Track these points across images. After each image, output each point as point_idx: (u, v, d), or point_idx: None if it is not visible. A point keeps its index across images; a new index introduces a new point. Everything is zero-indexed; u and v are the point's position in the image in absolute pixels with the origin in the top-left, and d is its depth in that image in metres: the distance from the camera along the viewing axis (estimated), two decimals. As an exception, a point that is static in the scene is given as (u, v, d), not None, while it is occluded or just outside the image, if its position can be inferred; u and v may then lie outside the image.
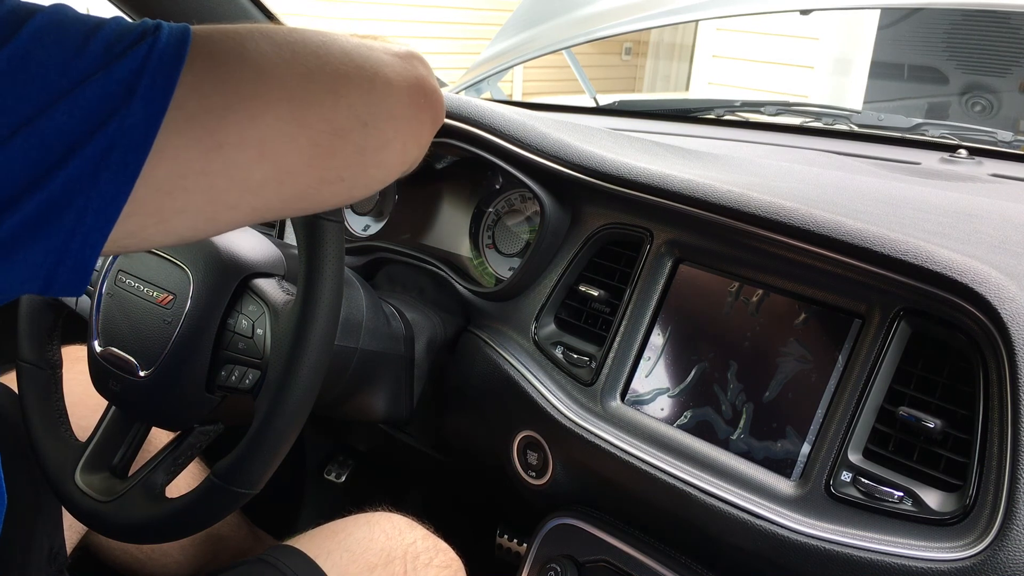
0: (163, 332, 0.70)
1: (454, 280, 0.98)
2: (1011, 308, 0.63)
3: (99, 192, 0.33)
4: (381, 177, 0.48)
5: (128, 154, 0.33)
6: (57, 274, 0.34)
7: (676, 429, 0.79)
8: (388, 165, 0.47)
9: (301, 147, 0.40)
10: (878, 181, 1.04)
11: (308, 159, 0.41)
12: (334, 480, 1.36)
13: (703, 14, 2.60)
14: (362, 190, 0.47)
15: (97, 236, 0.34)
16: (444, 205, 1.06)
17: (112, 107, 0.33)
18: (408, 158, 0.49)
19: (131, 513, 0.71)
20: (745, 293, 0.79)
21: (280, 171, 0.40)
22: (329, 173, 0.43)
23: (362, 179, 0.46)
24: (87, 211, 0.33)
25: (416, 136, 0.48)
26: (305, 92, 0.40)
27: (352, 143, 0.43)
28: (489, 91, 1.85)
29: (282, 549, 0.80)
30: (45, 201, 0.32)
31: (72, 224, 0.33)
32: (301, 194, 0.43)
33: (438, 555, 0.89)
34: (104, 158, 0.33)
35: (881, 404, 0.69)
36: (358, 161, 0.44)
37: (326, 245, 0.63)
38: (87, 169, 0.32)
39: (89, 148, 0.32)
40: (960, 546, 0.61)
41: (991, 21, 3.45)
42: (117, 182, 0.33)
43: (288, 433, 0.66)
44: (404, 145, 0.47)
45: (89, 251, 0.34)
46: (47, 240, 0.33)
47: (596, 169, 0.86)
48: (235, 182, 0.38)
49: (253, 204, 0.40)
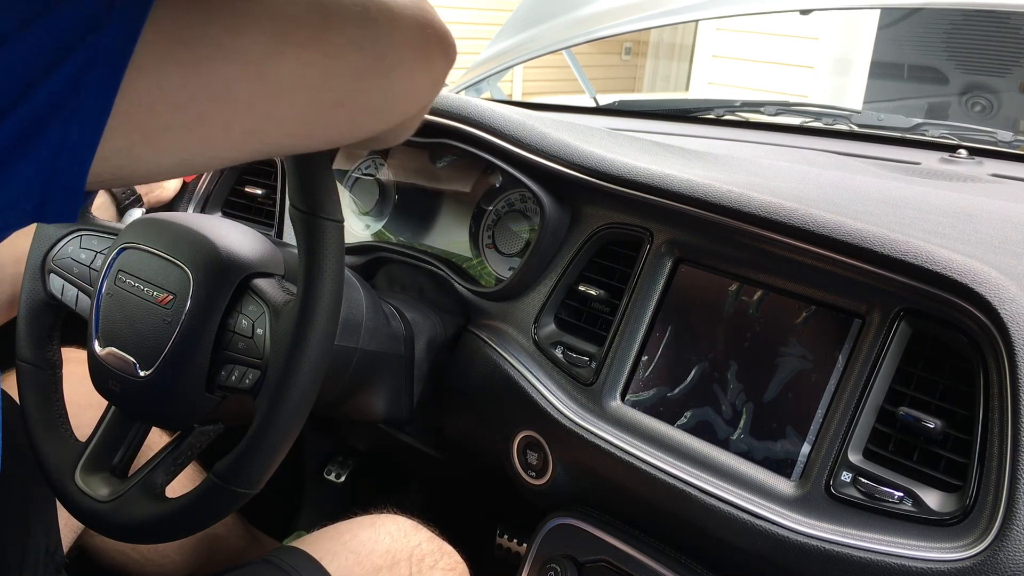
0: (163, 332, 0.70)
1: (454, 280, 0.98)
2: (1011, 308, 0.63)
3: (81, 105, 0.34)
4: (389, 107, 0.46)
5: (107, 68, 0.34)
6: (50, 192, 0.35)
7: (676, 429, 0.79)
8: (394, 93, 0.46)
9: (288, 64, 0.39)
10: (878, 181, 1.04)
11: (298, 77, 0.40)
12: (334, 480, 1.36)
13: (703, 14, 2.60)
14: (370, 120, 0.46)
15: (85, 151, 0.35)
16: (444, 205, 1.06)
17: (89, 25, 0.34)
18: (417, 88, 0.47)
19: (131, 513, 0.71)
20: (745, 293, 0.79)
21: (268, 88, 0.39)
22: (325, 95, 0.42)
23: (366, 105, 0.44)
24: (72, 123, 0.34)
25: (424, 66, 0.46)
26: (290, 9, 0.39)
27: (347, 66, 0.42)
28: (489, 91, 1.85)
29: (287, 550, 0.80)
30: (29, 114, 0.33)
31: (59, 137, 0.34)
32: (298, 118, 0.42)
33: (443, 557, 0.89)
34: (84, 73, 0.34)
35: (881, 404, 0.69)
36: (357, 86, 0.43)
37: (326, 245, 0.63)
38: (68, 83, 0.33)
39: (68, 64, 0.33)
40: (960, 546, 0.61)
41: (991, 21, 3.44)
42: (98, 95, 0.34)
43: (288, 433, 0.65)
44: (410, 73, 0.46)
45: (79, 167, 0.35)
46: (36, 153, 0.34)
47: (596, 169, 0.86)
48: (220, 98, 0.38)
49: (247, 125, 0.40)
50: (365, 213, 1.11)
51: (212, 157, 0.41)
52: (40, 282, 0.82)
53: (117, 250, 0.75)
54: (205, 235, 0.72)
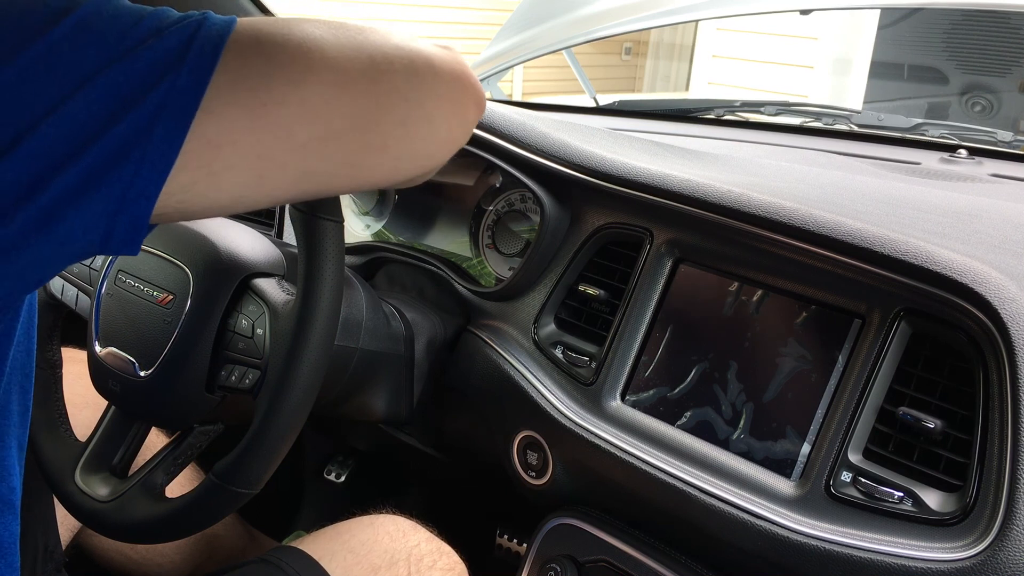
0: (163, 332, 0.70)
1: (454, 280, 0.98)
2: (1011, 308, 0.63)
3: (153, 145, 0.37)
4: (427, 151, 0.50)
5: (178, 111, 0.37)
6: (116, 225, 0.37)
7: (676, 429, 0.79)
8: (433, 140, 0.50)
9: (343, 111, 0.43)
10: (878, 181, 1.04)
11: (351, 124, 0.44)
12: (334, 480, 1.36)
13: (703, 14, 2.60)
14: (409, 163, 0.50)
15: (152, 187, 0.37)
16: (444, 205, 1.06)
17: (163, 70, 0.37)
18: (453, 135, 0.52)
19: (131, 513, 0.71)
20: (745, 293, 0.79)
21: (324, 132, 0.43)
22: (374, 139, 0.46)
23: (407, 150, 0.48)
24: (143, 162, 0.37)
25: (460, 116, 0.51)
26: (347, 61, 0.43)
27: (394, 114, 0.46)
28: (489, 91, 1.85)
29: (285, 550, 0.80)
30: (104, 153, 0.36)
31: (130, 175, 0.37)
32: (347, 160, 0.46)
33: (442, 558, 0.89)
34: (157, 115, 0.37)
35: (881, 404, 0.69)
36: (402, 133, 0.47)
37: (326, 245, 0.63)
38: (142, 124, 0.36)
39: (143, 106, 0.36)
40: (960, 546, 0.61)
41: (991, 21, 3.44)
42: (169, 136, 0.37)
43: (288, 433, 0.65)
44: (447, 123, 0.50)
45: (145, 202, 0.38)
46: (108, 188, 0.36)
47: (596, 169, 0.86)
48: (280, 140, 0.41)
49: (301, 166, 0.43)
50: (365, 213, 1.11)
51: (266, 196, 0.45)
52: None
53: (117, 250, 0.75)
54: (205, 235, 0.72)
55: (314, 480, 1.39)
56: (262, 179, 0.42)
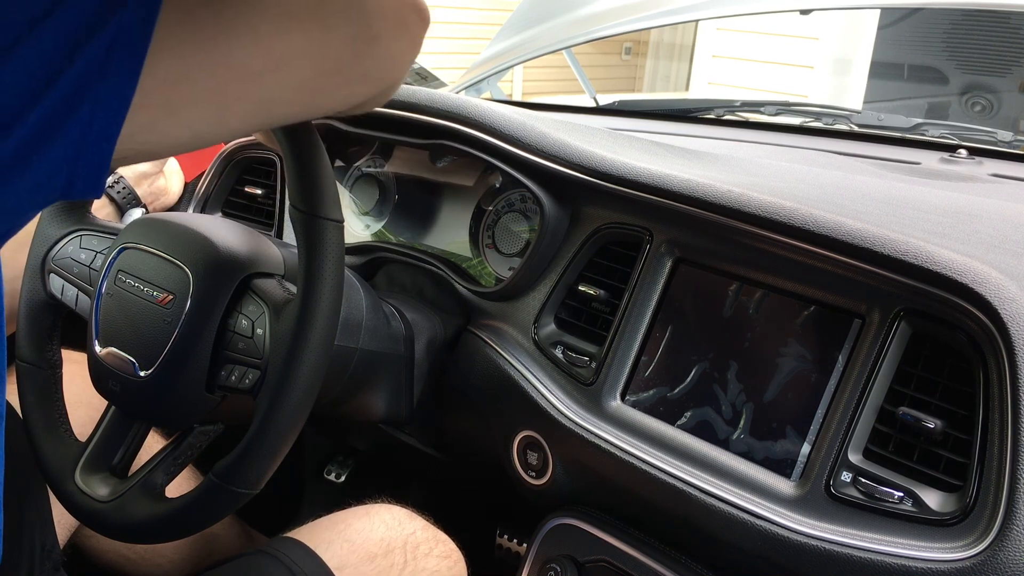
0: (163, 332, 0.70)
1: (454, 280, 0.98)
2: (1011, 308, 0.63)
3: (107, 85, 0.36)
4: (378, 70, 0.51)
5: (129, 49, 0.37)
6: (78, 170, 0.37)
7: (676, 429, 0.79)
8: (382, 57, 0.51)
9: (292, 36, 0.44)
10: (878, 181, 1.04)
11: (301, 49, 0.45)
12: (334, 480, 1.36)
13: (703, 14, 2.60)
14: (363, 85, 0.51)
15: (112, 128, 0.37)
16: (444, 205, 1.06)
17: (109, 9, 0.36)
18: (401, 50, 0.53)
19: (131, 513, 0.71)
20: (745, 293, 0.79)
21: (276, 59, 0.44)
22: (326, 64, 0.47)
23: (359, 71, 0.50)
24: (99, 103, 0.36)
25: (404, 31, 0.52)
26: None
27: (341, 35, 0.47)
28: (489, 91, 1.85)
29: (282, 540, 0.81)
30: (59, 97, 0.35)
31: (87, 117, 0.36)
32: (303, 86, 0.46)
33: (438, 545, 0.90)
34: (108, 55, 0.36)
35: (881, 404, 0.69)
36: (350, 53, 0.48)
37: (326, 245, 0.63)
38: (94, 65, 0.36)
39: (93, 46, 0.36)
40: (960, 546, 0.61)
41: (991, 21, 3.45)
42: (123, 75, 0.37)
43: (288, 433, 0.65)
44: (394, 39, 0.51)
45: (105, 144, 0.37)
46: (67, 133, 0.36)
47: (596, 169, 0.86)
48: (235, 70, 0.42)
49: (258, 95, 0.44)
50: (365, 213, 1.11)
51: (227, 129, 0.45)
52: (40, 282, 0.82)
53: (117, 250, 0.75)
54: (205, 235, 0.72)
55: (314, 480, 1.39)
56: (221, 113, 0.43)
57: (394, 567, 0.84)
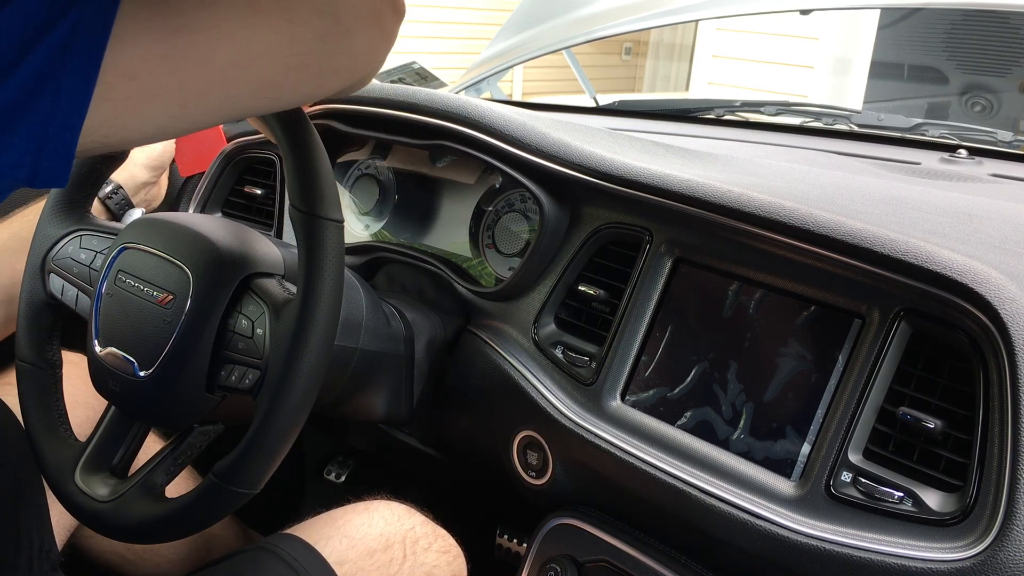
0: (163, 332, 0.70)
1: (454, 280, 0.98)
2: (1011, 308, 0.63)
3: (68, 75, 0.36)
4: (349, 66, 0.50)
5: (90, 38, 0.36)
6: (41, 159, 0.37)
7: (676, 429, 0.79)
8: (353, 52, 0.49)
9: (258, 32, 0.43)
10: (878, 181, 1.04)
11: (268, 44, 0.43)
12: (334, 480, 1.36)
13: (703, 14, 2.60)
14: (332, 79, 0.50)
15: (74, 119, 0.37)
16: (444, 205, 1.06)
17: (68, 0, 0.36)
18: (373, 45, 0.51)
19: (131, 513, 0.71)
20: (745, 293, 0.79)
21: (241, 54, 0.43)
22: (293, 59, 0.45)
23: (328, 66, 0.48)
24: (60, 93, 0.36)
25: (378, 26, 0.51)
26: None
27: (310, 30, 0.45)
28: (489, 91, 1.86)
29: (281, 537, 0.81)
30: (19, 86, 0.35)
31: (49, 107, 0.36)
32: (269, 81, 0.45)
33: (437, 540, 0.90)
34: (68, 44, 0.36)
35: (881, 404, 0.69)
36: (320, 48, 0.47)
37: (326, 245, 0.63)
38: (54, 55, 0.35)
39: (53, 36, 0.35)
40: (960, 546, 0.61)
41: (991, 21, 3.45)
42: (84, 66, 0.36)
43: (288, 433, 0.65)
44: (366, 35, 0.50)
45: (68, 135, 0.37)
46: (28, 124, 0.36)
47: (596, 169, 0.86)
48: (198, 65, 0.41)
49: (222, 90, 0.43)
50: (365, 213, 1.11)
51: (191, 122, 0.44)
52: (40, 282, 0.82)
53: (117, 250, 0.75)
54: (205, 235, 0.72)
55: (314, 480, 1.39)
56: (185, 107, 0.42)
57: (393, 562, 0.84)
